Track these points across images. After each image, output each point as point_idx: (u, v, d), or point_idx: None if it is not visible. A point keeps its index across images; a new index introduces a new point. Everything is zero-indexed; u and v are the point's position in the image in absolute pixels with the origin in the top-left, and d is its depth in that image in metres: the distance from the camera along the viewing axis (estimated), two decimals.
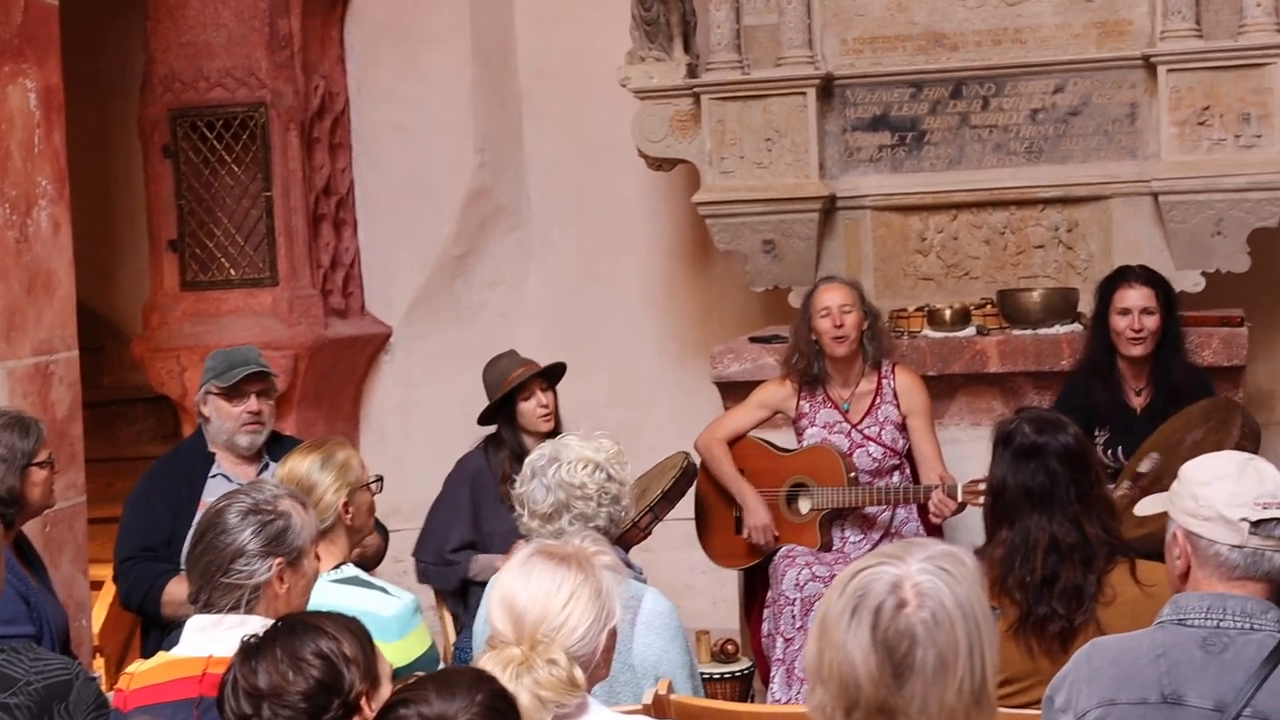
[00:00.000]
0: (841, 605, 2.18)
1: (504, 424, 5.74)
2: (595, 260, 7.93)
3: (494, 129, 7.83)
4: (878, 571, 2.19)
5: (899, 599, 2.15)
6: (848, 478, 5.67)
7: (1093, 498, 3.91)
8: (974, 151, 6.65)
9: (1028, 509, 3.89)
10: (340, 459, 4.20)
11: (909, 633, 2.13)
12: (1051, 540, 3.85)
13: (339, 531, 4.17)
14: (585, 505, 3.91)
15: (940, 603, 2.15)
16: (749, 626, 6.06)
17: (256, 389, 5.31)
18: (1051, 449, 3.89)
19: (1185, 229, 6.29)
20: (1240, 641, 2.86)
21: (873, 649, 2.13)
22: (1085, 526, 3.87)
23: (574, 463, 3.94)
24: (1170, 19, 6.28)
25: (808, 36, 6.66)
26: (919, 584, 2.16)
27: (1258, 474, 2.98)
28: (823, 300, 5.78)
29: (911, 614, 2.14)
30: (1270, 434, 7.11)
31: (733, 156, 6.70)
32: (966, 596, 2.18)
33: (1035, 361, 6.19)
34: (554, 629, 2.91)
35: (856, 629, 2.15)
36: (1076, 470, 3.89)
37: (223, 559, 3.24)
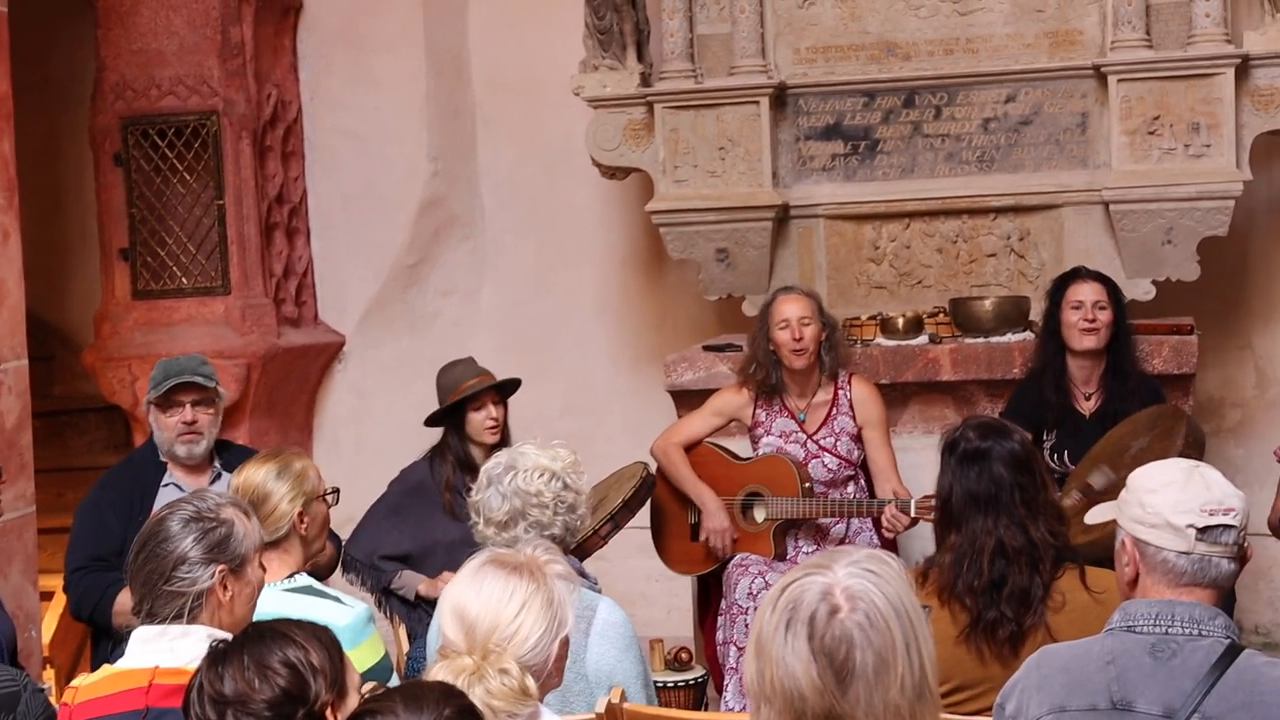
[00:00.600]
0: (775, 620, 2.19)
1: (451, 430, 5.72)
2: (549, 269, 7.92)
3: (447, 138, 7.82)
4: (806, 582, 2.20)
5: (831, 605, 2.16)
6: (802, 488, 5.68)
7: (1039, 502, 3.92)
8: (926, 160, 6.68)
9: (974, 513, 3.90)
10: (297, 469, 4.19)
11: (846, 637, 2.15)
12: (998, 544, 3.86)
13: (293, 541, 4.14)
14: (541, 514, 3.89)
15: (872, 603, 2.17)
16: (703, 635, 6.06)
17: (192, 399, 5.28)
18: (996, 454, 3.91)
19: (1136, 238, 6.34)
20: (1188, 648, 2.88)
21: (812, 658, 2.14)
22: (1031, 530, 3.88)
23: (530, 471, 3.92)
24: (1121, 29, 6.32)
25: (761, 46, 6.68)
26: (849, 588, 2.18)
27: (1204, 481, 2.99)
28: (782, 312, 5.79)
29: (846, 618, 2.16)
30: (1221, 441, 7.17)
31: (686, 165, 6.71)
32: (896, 594, 2.20)
33: (987, 369, 6.22)
34: (506, 638, 2.90)
35: (794, 641, 2.16)
36: (1022, 475, 3.91)
37: (165, 567, 3.22)
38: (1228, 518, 2.92)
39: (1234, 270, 7.09)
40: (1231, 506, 2.94)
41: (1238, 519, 2.93)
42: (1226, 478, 3.03)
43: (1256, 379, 7.30)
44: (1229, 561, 2.93)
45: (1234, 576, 2.96)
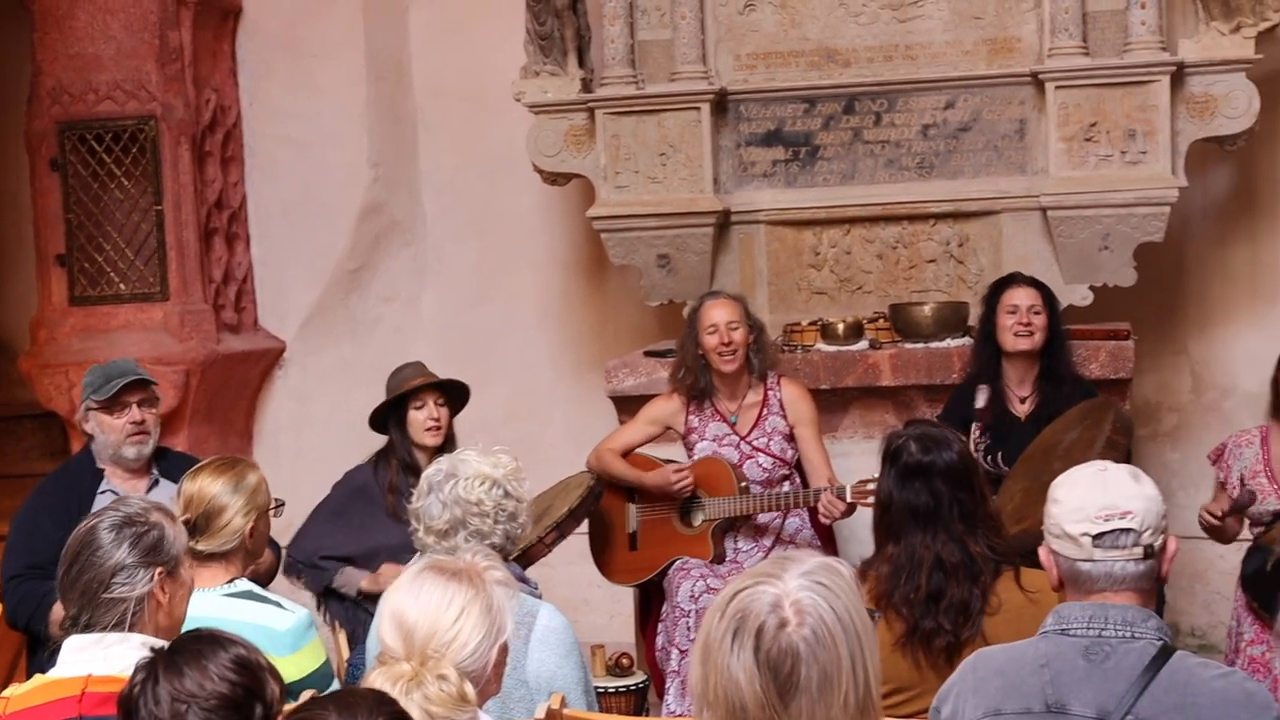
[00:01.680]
0: (723, 628, 2.18)
1: (396, 430, 5.69)
2: (491, 275, 7.91)
3: (388, 143, 7.80)
4: (756, 591, 2.20)
5: (780, 618, 2.16)
6: (739, 488, 5.69)
7: (977, 516, 3.94)
8: (866, 167, 6.70)
9: (913, 527, 3.92)
10: (251, 483, 4.16)
11: (792, 651, 2.15)
12: (936, 559, 3.88)
13: (239, 553, 4.13)
14: (482, 523, 3.87)
15: (821, 619, 2.17)
16: (644, 640, 6.06)
17: (137, 399, 5.27)
18: (937, 468, 3.92)
19: (1073, 244, 6.38)
20: (1122, 650, 2.90)
21: (757, 670, 2.14)
22: (969, 545, 3.90)
23: (471, 479, 3.90)
24: (1058, 36, 6.37)
25: (701, 52, 6.70)
26: (798, 601, 2.17)
27: (1104, 484, 3.00)
28: (709, 317, 5.80)
29: (793, 632, 2.15)
30: (1158, 445, 7.24)
31: (627, 171, 6.71)
32: (846, 609, 2.19)
33: (927, 374, 6.25)
34: (444, 644, 2.89)
35: (740, 651, 2.15)
36: (961, 489, 3.93)
37: (103, 575, 3.19)
38: (1124, 521, 2.93)
39: (1170, 276, 7.16)
40: (1128, 509, 2.94)
41: (1136, 520, 2.94)
42: (1162, 482, 3.06)
43: (1192, 384, 7.37)
44: (1134, 563, 2.94)
45: (1151, 576, 2.98)
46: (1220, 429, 6.68)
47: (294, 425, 7.87)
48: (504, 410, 7.58)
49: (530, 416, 7.74)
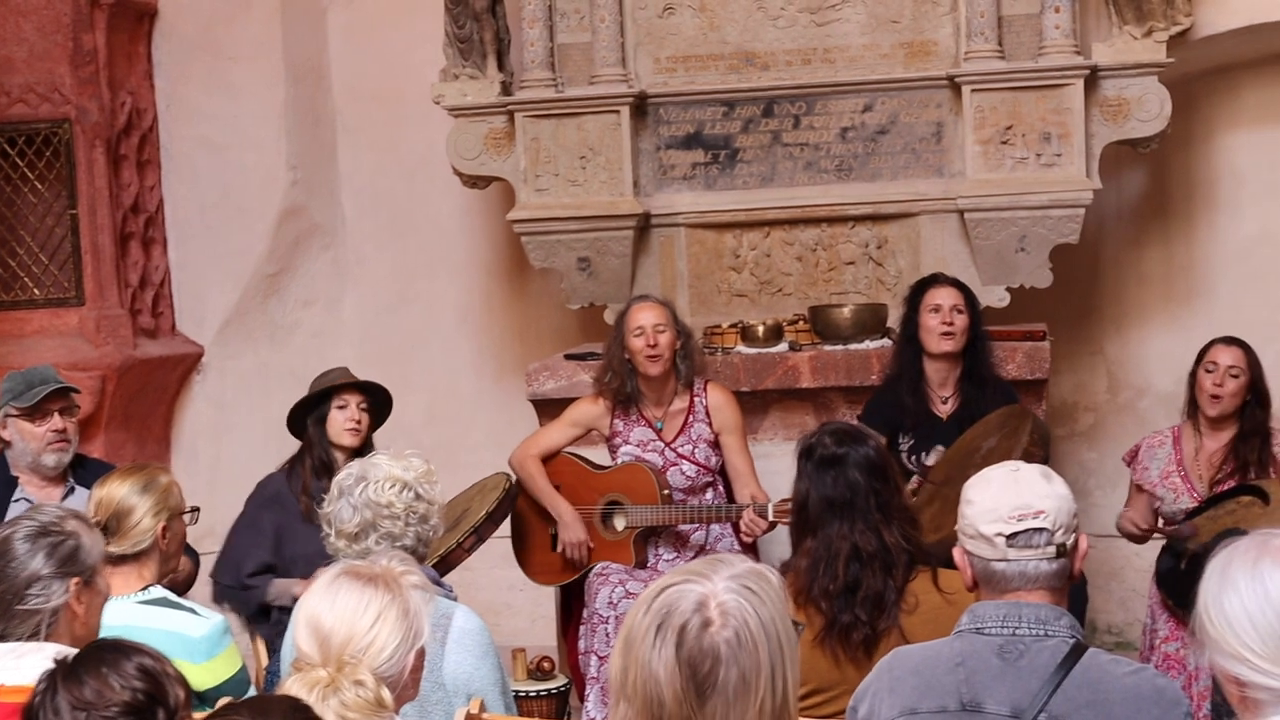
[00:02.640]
0: (647, 622, 2.18)
1: (315, 428, 5.63)
2: (411, 279, 7.89)
3: (307, 146, 7.75)
4: (684, 589, 2.20)
5: (704, 618, 2.16)
6: (662, 495, 5.70)
7: (892, 507, 3.98)
8: (786, 169, 6.73)
9: (829, 518, 3.94)
10: (162, 484, 4.14)
11: (713, 652, 2.15)
12: (853, 549, 3.90)
13: (152, 556, 4.09)
14: (393, 525, 3.85)
15: (744, 622, 2.17)
16: (565, 644, 6.05)
17: (59, 407, 5.23)
18: (852, 459, 3.95)
19: (990, 245, 6.44)
20: (1035, 648, 2.93)
21: (677, 667, 2.14)
22: (885, 535, 3.93)
23: (382, 482, 3.88)
24: (974, 40, 6.42)
25: (621, 55, 6.70)
26: (724, 603, 2.18)
27: (1016, 485, 3.03)
28: (636, 319, 5.80)
29: (716, 633, 2.16)
30: (1074, 445, 7.31)
31: (547, 174, 6.71)
32: (770, 617, 2.20)
33: (846, 376, 6.28)
34: (361, 649, 2.87)
35: (662, 647, 2.16)
36: (876, 480, 3.96)
37: (16, 587, 3.16)
38: (1037, 520, 2.96)
39: (1086, 277, 7.25)
40: (1040, 509, 2.97)
41: (1048, 520, 2.96)
42: (1079, 481, 3.09)
43: (1108, 384, 7.45)
44: (1047, 562, 2.97)
45: (1064, 575, 3.00)
46: (1135, 429, 6.77)
47: (212, 431, 7.81)
48: (425, 414, 7.55)
49: (451, 420, 7.72)
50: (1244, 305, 7.05)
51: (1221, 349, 5.62)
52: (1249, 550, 2.25)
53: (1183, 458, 5.70)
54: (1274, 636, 2.16)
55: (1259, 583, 2.20)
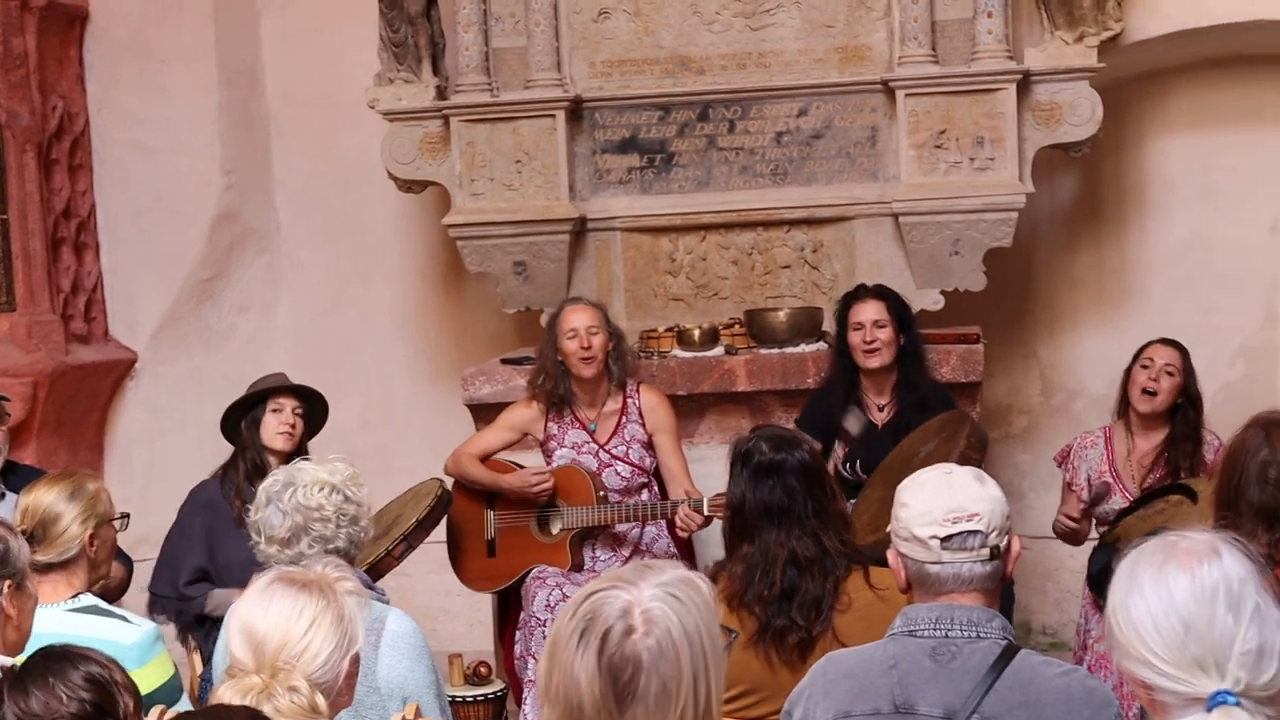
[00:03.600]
0: (572, 627, 2.19)
1: (248, 430, 5.60)
2: (346, 283, 7.86)
3: (241, 150, 7.70)
4: (609, 595, 2.20)
5: (627, 625, 2.16)
6: (597, 496, 5.70)
7: (829, 512, 3.99)
8: (721, 173, 6.74)
9: (767, 525, 3.95)
10: (90, 491, 4.10)
11: (634, 659, 2.15)
12: (790, 555, 3.91)
13: (80, 563, 4.05)
14: (324, 527, 3.84)
15: (667, 631, 2.17)
16: (503, 648, 6.04)
17: None
18: (789, 466, 3.95)
19: (924, 249, 6.47)
20: (967, 650, 2.94)
21: (598, 673, 2.14)
22: (823, 540, 3.94)
23: (309, 486, 3.87)
24: (908, 45, 6.46)
25: (556, 59, 6.70)
26: (648, 610, 2.18)
27: (950, 487, 3.05)
28: (569, 322, 5.81)
29: (638, 640, 2.16)
30: (1009, 447, 7.36)
31: (483, 178, 6.70)
32: (695, 625, 2.20)
33: (782, 380, 6.30)
34: (295, 656, 2.85)
35: (584, 652, 2.16)
36: (813, 486, 3.97)
37: None
38: (971, 523, 2.98)
39: (1019, 281, 7.30)
40: (975, 511, 2.99)
41: (982, 523, 2.98)
42: (1013, 483, 3.11)
43: (1042, 386, 7.51)
44: (981, 564, 2.99)
45: (997, 577, 3.02)
46: (1069, 431, 6.82)
47: (146, 437, 7.75)
48: (360, 419, 7.52)
49: (387, 425, 7.69)
50: (1175, 309, 7.12)
51: (1158, 348, 5.69)
52: (1156, 554, 2.26)
53: (1114, 458, 5.75)
54: (1178, 641, 2.17)
55: (1164, 587, 2.21)
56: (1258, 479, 3.46)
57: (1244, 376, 7.27)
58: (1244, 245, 7.25)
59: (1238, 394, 6.99)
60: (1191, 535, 2.29)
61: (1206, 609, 2.18)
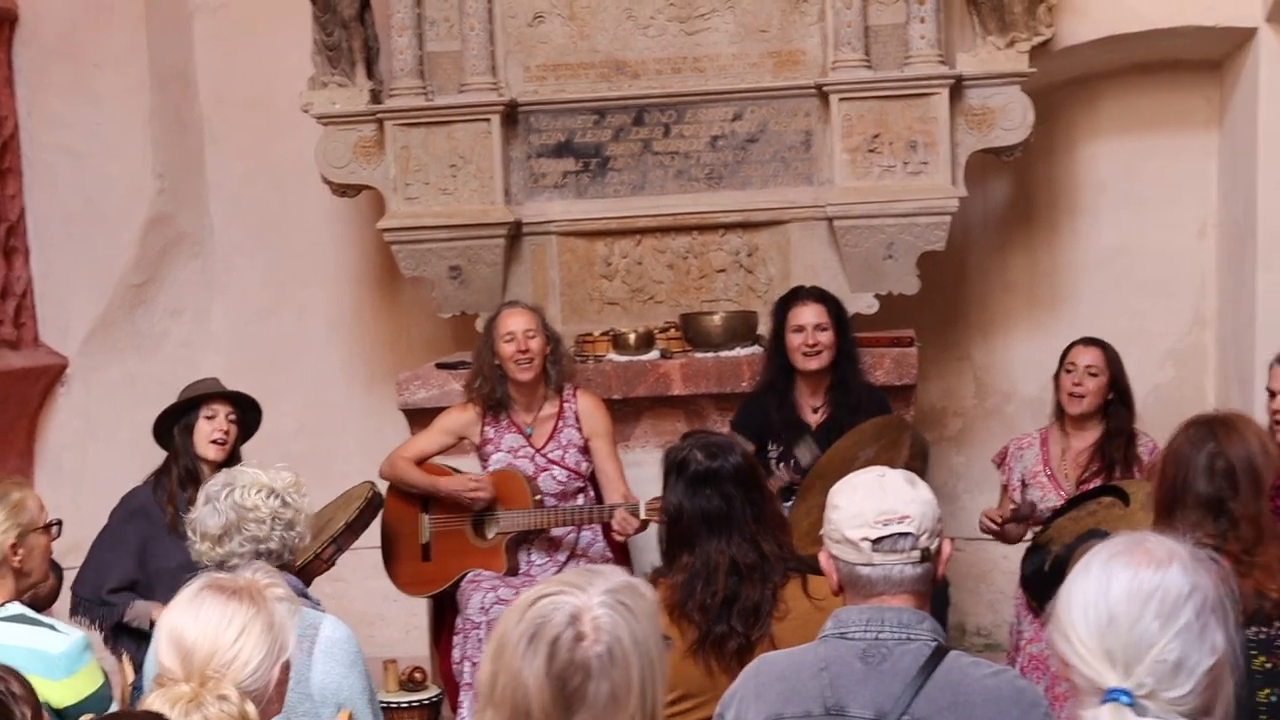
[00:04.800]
0: (520, 630, 2.18)
1: (181, 437, 5.57)
2: (281, 288, 7.82)
3: (174, 154, 7.65)
4: (558, 600, 2.20)
5: (577, 631, 2.17)
6: (533, 501, 5.70)
7: (766, 515, 4.00)
8: (656, 177, 6.75)
9: (706, 533, 3.95)
10: (14, 499, 4.06)
11: (584, 666, 2.15)
12: (731, 562, 3.91)
13: (4, 573, 4.01)
14: (258, 528, 3.86)
15: (617, 638, 2.18)
16: (438, 653, 6.03)
17: None
18: (725, 472, 3.95)
19: (858, 253, 6.50)
20: (898, 652, 2.96)
21: (546, 679, 2.15)
22: (762, 545, 3.94)
23: (248, 486, 3.90)
24: (841, 50, 6.49)
25: (491, 63, 6.69)
26: (598, 618, 2.18)
27: (881, 490, 3.07)
28: (506, 325, 5.80)
29: (588, 648, 2.16)
30: (944, 449, 7.40)
31: (418, 183, 6.68)
32: (643, 633, 2.21)
33: (717, 383, 6.31)
34: (224, 664, 2.83)
35: (532, 657, 2.16)
36: (750, 490, 3.98)
37: None
38: (902, 525, 3.00)
39: (953, 284, 7.35)
40: (906, 514, 3.01)
41: (914, 525, 3.00)
42: (948, 485, 3.14)
43: (976, 389, 7.56)
44: (912, 566, 3.01)
45: (928, 579, 3.04)
46: (1002, 433, 6.87)
47: (78, 443, 7.68)
48: (295, 423, 7.48)
49: (322, 430, 7.66)
50: (1105, 312, 7.19)
51: (1080, 350, 5.75)
52: (1117, 545, 2.29)
53: (1050, 458, 5.81)
54: (1099, 630, 2.20)
55: (1106, 577, 2.23)
56: (1205, 470, 3.51)
57: (1173, 379, 7.35)
58: (1172, 249, 7.33)
59: (1167, 396, 7.07)
60: (1162, 540, 2.31)
61: (1135, 609, 2.20)
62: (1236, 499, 3.46)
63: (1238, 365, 6.98)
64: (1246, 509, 3.45)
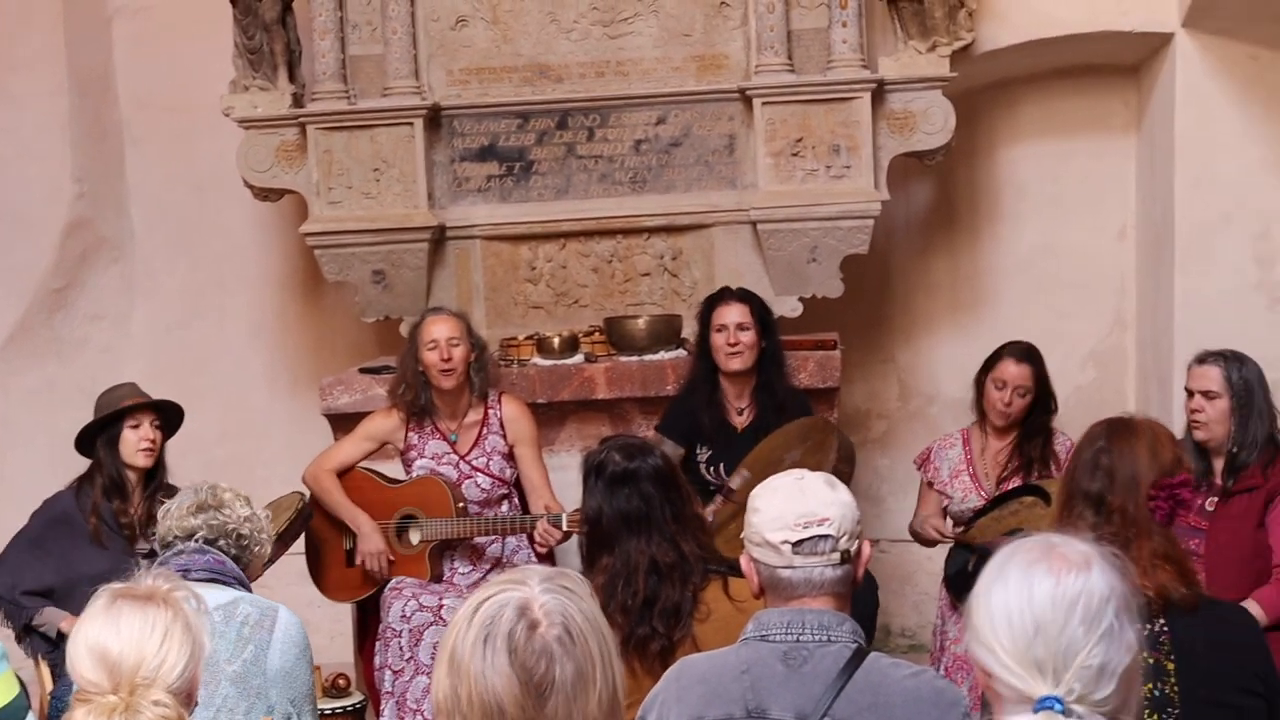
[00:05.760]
0: (472, 636, 2.18)
1: (105, 450, 5.52)
2: (203, 293, 7.76)
3: (93, 158, 7.57)
4: (502, 598, 2.20)
5: (530, 620, 2.17)
6: (456, 508, 5.68)
7: (685, 515, 4.02)
8: (581, 181, 6.74)
9: (626, 534, 3.97)
10: None
11: (546, 651, 2.16)
12: (651, 562, 3.94)
13: None
14: (226, 516, 4.11)
15: (571, 618, 2.19)
16: (362, 660, 6.00)
17: None
18: (643, 473, 3.98)
19: (782, 256, 6.52)
20: (819, 654, 2.98)
21: (512, 673, 2.15)
22: (682, 545, 3.97)
23: (229, 492, 4.20)
24: (764, 54, 6.51)
25: (414, 67, 6.66)
26: (545, 604, 2.19)
27: (801, 493, 3.10)
28: (430, 332, 5.78)
29: (545, 632, 2.17)
30: (868, 452, 7.44)
31: (340, 187, 6.64)
32: (591, 611, 2.24)
33: (642, 387, 6.32)
34: (154, 670, 2.84)
35: (493, 656, 2.15)
36: (669, 490, 4.00)
37: None
38: (822, 527, 3.03)
39: (876, 287, 7.39)
40: (825, 516, 3.04)
41: (833, 527, 3.03)
42: (873, 487, 3.16)
43: (899, 391, 7.61)
44: (832, 568, 3.03)
45: (848, 581, 3.07)
46: (926, 434, 6.90)
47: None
48: (219, 429, 7.43)
49: (245, 435, 7.61)
50: (1027, 314, 7.25)
51: (1011, 366, 5.78)
52: (1032, 551, 2.31)
53: (971, 457, 5.87)
54: (1025, 639, 2.22)
55: (1027, 585, 2.25)
56: (1089, 467, 3.57)
57: (1094, 380, 7.42)
58: (1093, 251, 7.40)
59: (1088, 397, 7.14)
60: (1072, 543, 2.34)
61: (1061, 616, 2.22)
62: (1113, 494, 3.53)
63: (1157, 366, 7.06)
64: (1123, 505, 3.51)
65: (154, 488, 5.56)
